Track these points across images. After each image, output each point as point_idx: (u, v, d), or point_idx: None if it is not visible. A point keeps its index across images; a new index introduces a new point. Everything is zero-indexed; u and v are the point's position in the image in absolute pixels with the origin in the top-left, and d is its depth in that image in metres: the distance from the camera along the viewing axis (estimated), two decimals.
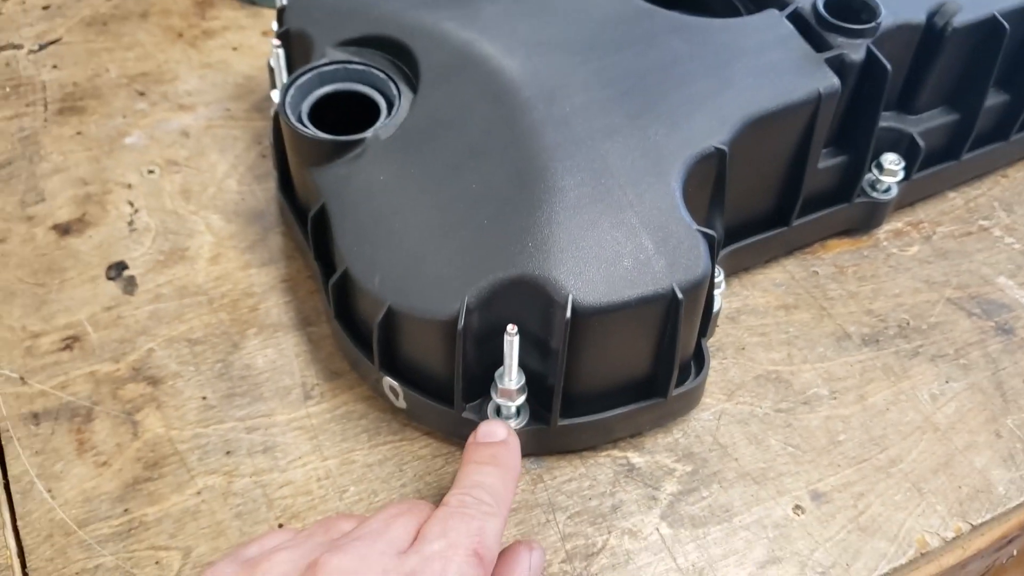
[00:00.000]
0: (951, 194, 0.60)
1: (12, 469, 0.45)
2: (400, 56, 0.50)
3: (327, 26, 0.51)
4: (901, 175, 0.55)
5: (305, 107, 0.49)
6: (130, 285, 0.53)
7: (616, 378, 0.45)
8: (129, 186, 0.58)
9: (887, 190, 0.55)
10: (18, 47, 0.65)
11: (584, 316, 0.40)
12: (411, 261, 0.43)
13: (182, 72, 0.65)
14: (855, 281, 0.55)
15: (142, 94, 0.63)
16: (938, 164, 0.58)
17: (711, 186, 0.47)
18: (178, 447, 0.47)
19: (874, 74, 0.49)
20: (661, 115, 0.46)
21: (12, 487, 0.45)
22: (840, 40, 0.49)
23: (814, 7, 0.50)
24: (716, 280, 0.48)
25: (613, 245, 0.42)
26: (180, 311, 0.52)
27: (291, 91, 0.49)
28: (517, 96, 0.46)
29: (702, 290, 0.43)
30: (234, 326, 0.51)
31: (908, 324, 0.53)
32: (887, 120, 0.55)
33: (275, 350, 0.51)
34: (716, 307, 0.49)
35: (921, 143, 0.55)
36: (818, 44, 0.49)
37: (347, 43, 0.50)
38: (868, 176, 0.55)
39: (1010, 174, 0.62)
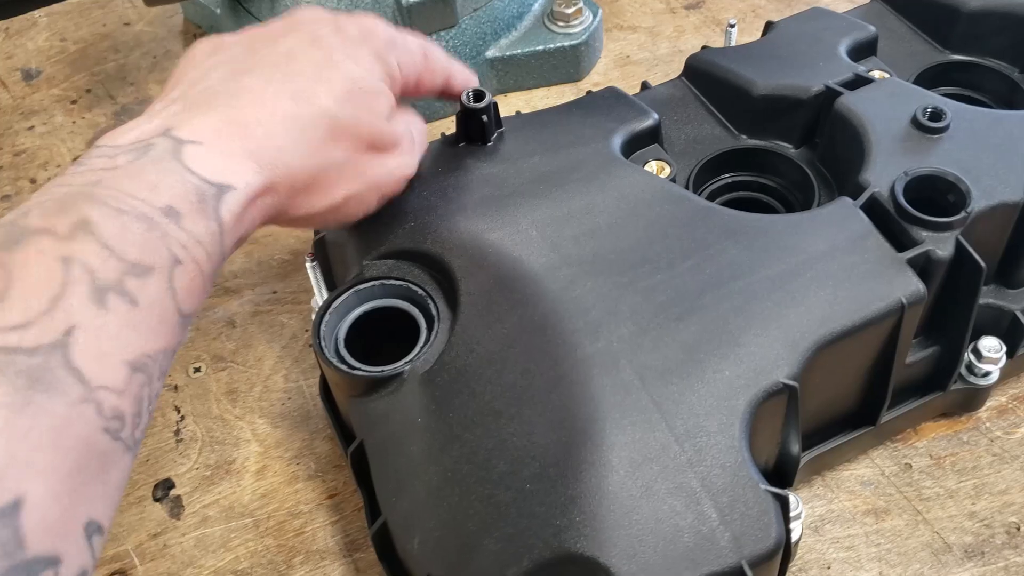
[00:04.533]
0: None
1: None
2: (439, 271, 0.46)
3: (363, 236, 0.48)
4: (1003, 361, 0.49)
5: (343, 329, 0.46)
6: (176, 507, 0.51)
7: None
8: (176, 388, 0.56)
9: (986, 375, 0.49)
10: None
11: None
12: (451, 525, 0.40)
13: None
14: (954, 475, 0.49)
15: None
16: None
17: (782, 416, 0.42)
18: None
19: (966, 270, 0.44)
20: (720, 345, 0.41)
21: None
22: (925, 234, 0.44)
23: (893, 195, 0.45)
24: (793, 513, 0.43)
25: (671, 517, 0.38)
26: (226, 537, 0.50)
27: (327, 317, 0.46)
28: (559, 329, 0.42)
29: (775, 559, 0.38)
30: (280, 553, 0.49)
31: (1018, 529, 0.47)
32: (984, 296, 0.49)
33: None
34: (795, 537, 0.44)
35: None
36: (899, 239, 0.44)
37: (384, 256, 0.47)
38: (965, 359, 0.49)
39: None
